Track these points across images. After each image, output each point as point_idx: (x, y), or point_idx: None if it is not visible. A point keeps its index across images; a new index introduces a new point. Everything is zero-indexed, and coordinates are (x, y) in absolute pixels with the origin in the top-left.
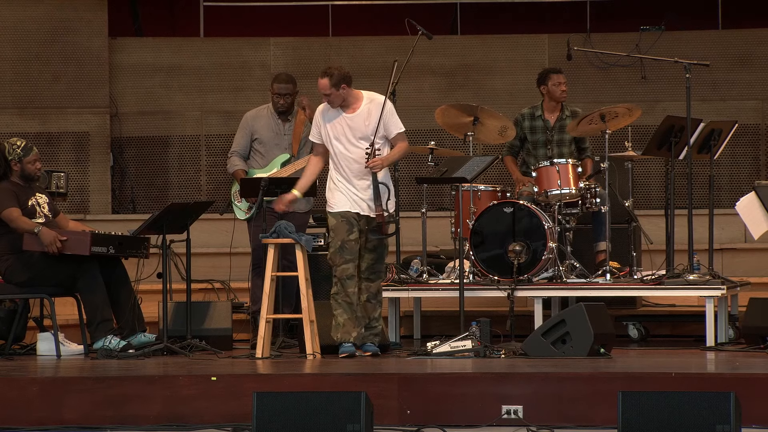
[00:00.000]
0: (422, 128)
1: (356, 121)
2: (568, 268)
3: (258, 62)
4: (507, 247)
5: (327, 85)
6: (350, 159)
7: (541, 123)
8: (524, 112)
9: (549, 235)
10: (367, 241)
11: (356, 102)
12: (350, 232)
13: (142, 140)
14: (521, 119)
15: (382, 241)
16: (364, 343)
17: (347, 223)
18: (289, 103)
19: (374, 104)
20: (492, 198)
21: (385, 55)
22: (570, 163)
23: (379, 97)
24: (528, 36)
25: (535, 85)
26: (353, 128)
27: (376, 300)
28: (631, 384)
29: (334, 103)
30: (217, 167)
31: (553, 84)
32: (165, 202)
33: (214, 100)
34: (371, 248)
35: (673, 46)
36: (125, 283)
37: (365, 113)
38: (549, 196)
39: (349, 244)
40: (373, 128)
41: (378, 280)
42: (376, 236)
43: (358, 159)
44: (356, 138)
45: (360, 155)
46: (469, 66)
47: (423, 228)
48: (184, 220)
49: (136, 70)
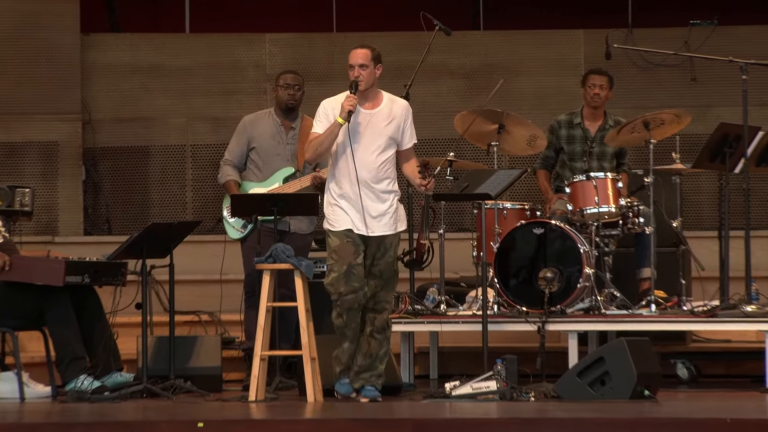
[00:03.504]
0: (440, 137)
1: (376, 120)
2: (608, 297)
3: (251, 61)
4: (537, 273)
5: (368, 55)
6: (364, 163)
7: (580, 132)
8: (561, 118)
9: (585, 260)
10: (373, 266)
11: (377, 97)
12: (357, 254)
13: (119, 151)
14: (557, 127)
15: (391, 266)
16: (364, 386)
17: (353, 245)
18: (298, 99)
19: (398, 106)
20: (520, 217)
21: (398, 53)
22: (609, 178)
23: (400, 99)
24: (560, 32)
25: (568, 88)
26: (373, 125)
27: (382, 335)
28: (680, 431)
29: (364, 80)
30: (205, 182)
31: (588, 85)
32: (145, 222)
33: (202, 104)
34: (377, 274)
35: (728, 43)
36: (99, 315)
37: (387, 113)
38: (585, 215)
39: (357, 269)
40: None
41: (384, 312)
42: (417, 268)
43: (374, 164)
44: (374, 138)
45: (375, 158)
46: (493, 66)
47: (441, 252)
48: (166, 243)
49: (112, 70)
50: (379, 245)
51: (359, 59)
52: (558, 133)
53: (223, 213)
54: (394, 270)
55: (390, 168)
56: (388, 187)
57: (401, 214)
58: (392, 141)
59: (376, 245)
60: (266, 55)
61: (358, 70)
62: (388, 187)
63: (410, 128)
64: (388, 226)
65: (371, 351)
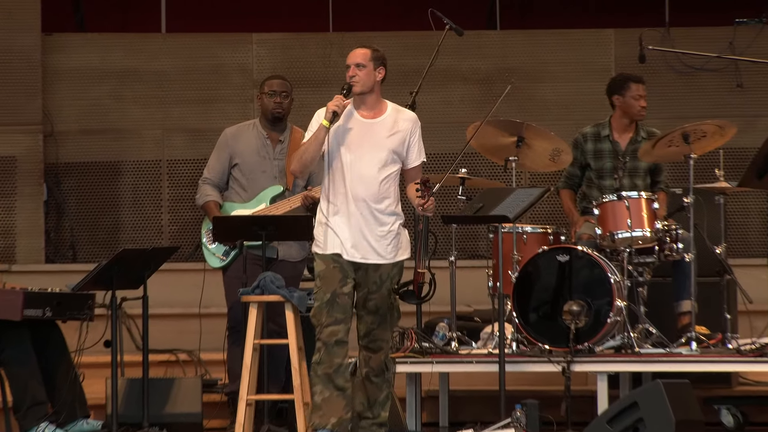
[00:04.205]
0: (450, 151)
1: (378, 129)
2: (642, 334)
3: (236, 65)
4: (561, 307)
5: (367, 54)
6: (361, 177)
7: (608, 145)
8: (586, 131)
9: (616, 291)
10: (367, 299)
11: (380, 106)
12: (344, 282)
13: (86, 167)
14: (582, 140)
15: (387, 300)
16: None
17: (340, 271)
18: (285, 107)
19: (404, 118)
20: (541, 242)
21: (403, 55)
22: (644, 197)
23: (408, 111)
24: (588, 31)
25: (597, 95)
26: (373, 136)
27: (380, 378)
28: None
29: (361, 83)
30: (184, 202)
31: (632, 96)
32: (115, 248)
33: (180, 114)
34: (372, 309)
35: None
36: (63, 354)
37: (391, 123)
38: (616, 240)
39: (342, 298)
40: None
41: (381, 351)
42: (413, 301)
43: (373, 180)
44: (375, 150)
45: (375, 174)
46: (511, 70)
47: (452, 281)
48: (139, 272)
49: (77, 75)
50: (375, 275)
51: (356, 58)
52: (584, 148)
53: (202, 238)
54: (391, 304)
55: (392, 187)
56: (389, 208)
57: (404, 241)
58: (395, 156)
59: (371, 275)
60: (253, 57)
61: (354, 69)
62: (389, 208)
63: (417, 144)
64: (385, 254)
65: (370, 396)
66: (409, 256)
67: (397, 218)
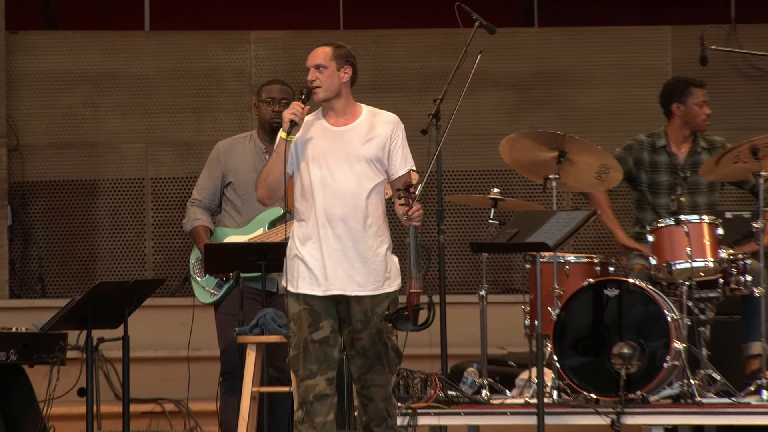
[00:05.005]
0: (480, 168)
1: (350, 137)
2: (704, 381)
3: (232, 68)
4: (610, 349)
5: (328, 54)
6: (336, 195)
7: (665, 158)
8: (642, 138)
9: (674, 331)
10: (355, 339)
11: (352, 111)
12: (315, 328)
13: (57, 186)
14: (638, 147)
15: (377, 338)
16: None
17: (311, 314)
18: None
19: (381, 121)
20: (587, 274)
21: (425, 57)
22: (706, 222)
23: (386, 113)
24: (641, 28)
25: (651, 102)
26: (345, 145)
27: (382, 427)
28: None
29: (323, 88)
30: (170, 227)
31: (695, 103)
32: (90, 281)
33: (166, 125)
34: (360, 350)
35: None
36: (29, 404)
37: (364, 130)
38: (674, 271)
39: (314, 347)
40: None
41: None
42: (409, 327)
43: (352, 197)
44: (349, 162)
45: (354, 189)
46: (552, 74)
47: (482, 320)
48: (119, 308)
49: (47, 80)
50: (358, 311)
51: (315, 59)
52: (640, 156)
53: (191, 270)
54: (384, 344)
55: (374, 203)
56: (372, 228)
57: (393, 269)
58: (376, 167)
59: (355, 310)
60: (251, 59)
61: (314, 72)
62: (371, 228)
63: (401, 149)
64: (367, 284)
65: None
66: (398, 287)
67: (383, 242)
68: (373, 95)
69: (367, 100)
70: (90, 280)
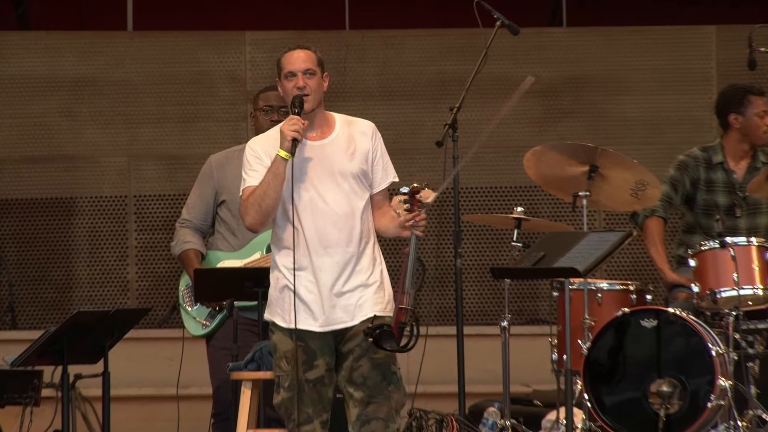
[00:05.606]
0: (503, 184)
1: (332, 152)
2: (753, 422)
3: (225, 72)
4: (648, 387)
5: (313, 58)
6: (327, 218)
7: (722, 175)
8: (696, 153)
9: (719, 366)
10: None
11: (327, 122)
12: (309, 366)
13: (29, 204)
14: (693, 165)
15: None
16: None
17: (305, 351)
18: None
19: (357, 129)
20: (622, 303)
21: (441, 60)
22: (755, 245)
23: (360, 120)
24: (681, 28)
25: (694, 111)
26: (329, 162)
27: None
28: None
29: (313, 96)
30: (156, 250)
31: (755, 113)
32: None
33: (151, 136)
34: (358, 380)
35: None
36: None
37: (344, 141)
38: (719, 300)
39: (309, 387)
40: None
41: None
42: (390, 345)
43: (344, 218)
44: (335, 180)
45: (346, 210)
46: (582, 79)
47: (504, 354)
48: (98, 341)
49: (18, 86)
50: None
51: (303, 63)
52: (696, 175)
53: (180, 298)
54: (383, 375)
55: (368, 222)
56: (369, 251)
57: (389, 290)
58: (362, 182)
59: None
60: (246, 63)
61: (303, 78)
62: (367, 250)
63: (382, 158)
64: (367, 310)
65: None
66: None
67: (376, 263)
68: (383, 103)
69: (377, 109)
70: (66, 310)
